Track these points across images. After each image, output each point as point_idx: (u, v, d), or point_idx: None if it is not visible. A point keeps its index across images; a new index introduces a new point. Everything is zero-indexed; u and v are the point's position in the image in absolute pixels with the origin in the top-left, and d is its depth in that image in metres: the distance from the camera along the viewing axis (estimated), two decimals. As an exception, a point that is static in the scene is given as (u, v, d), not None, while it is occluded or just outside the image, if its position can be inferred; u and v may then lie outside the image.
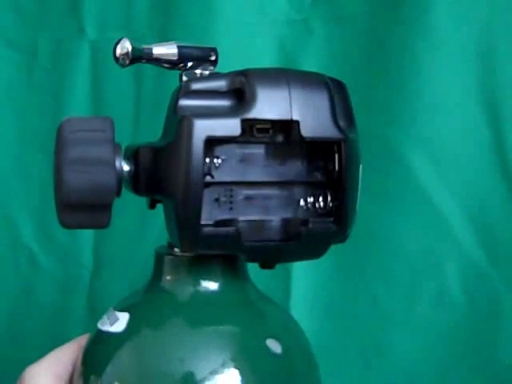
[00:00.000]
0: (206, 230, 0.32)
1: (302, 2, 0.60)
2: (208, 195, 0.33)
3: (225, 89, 0.33)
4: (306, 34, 0.60)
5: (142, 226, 0.64)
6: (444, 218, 0.57)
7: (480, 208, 0.56)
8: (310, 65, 0.59)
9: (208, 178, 0.33)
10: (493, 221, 0.56)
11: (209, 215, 0.33)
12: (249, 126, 0.33)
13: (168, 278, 0.36)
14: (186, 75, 0.36)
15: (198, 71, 0.36)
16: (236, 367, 0.33)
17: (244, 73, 0.33)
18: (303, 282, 0.60)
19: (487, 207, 0.56)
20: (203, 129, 0.31)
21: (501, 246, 0.56)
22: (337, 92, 0.34)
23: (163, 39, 0.38)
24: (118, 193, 0.33)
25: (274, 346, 0.34)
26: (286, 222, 0.34)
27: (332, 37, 0.59)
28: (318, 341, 0.45)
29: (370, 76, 0.58)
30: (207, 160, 0.32)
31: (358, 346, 0.59)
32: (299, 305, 0.60)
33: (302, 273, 0.60)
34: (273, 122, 0.33)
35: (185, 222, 0.32)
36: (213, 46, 0.37)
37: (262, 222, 0.34)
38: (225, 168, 0.33)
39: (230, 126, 0.32)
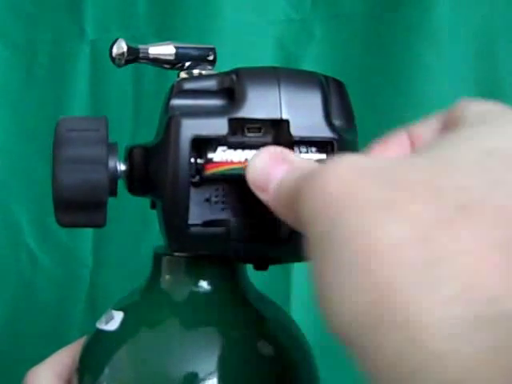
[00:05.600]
0: (194, 229, 0.32)
1: (301, 2, 0.60)
2: (199, 195, 0.33)
3: (216, 88, 0.33)
4: (306, 33, 0.60)
5: (142, 225, 0.64)
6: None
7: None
8: (309, 64, 0.59)
9: (198, 178, 0.33)
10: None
11: (199, 215, 0.33)
12: (240, 125, 0.33)
13: (166, 278, 0.36)
14: (182, 75, 0.36)
15: (195, 71, 0.36)
16: (227, 369, 0.33)
17: (235, 72, 0.33)
18: (303, 282, 0.60)
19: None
20: (190, 128, 0.31)
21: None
22: (334, 91, 0.34)
23: (163, 39, 0.38)
24: (112, 192, 0.33)
25: (266, 348, 0.34)
26: (278, 223, 0.34)
27: (332, 37, 0.59)
28: (317, 341, 0.44)
29: (369, 76, 0.58)
30: (198, 160, 0.32)
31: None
32: (299, 305, 0.60)
33: (302, 273, 0.60)
34: (263, 122, 0.32)
35: (172, 221, 0.32)
36: (212, 45, 0.37)
37: (254, 222, 0.33)
38: None
39: (218, 126, 0.31)
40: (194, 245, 0.33)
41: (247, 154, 0.32)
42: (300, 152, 0.33)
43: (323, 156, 0.33)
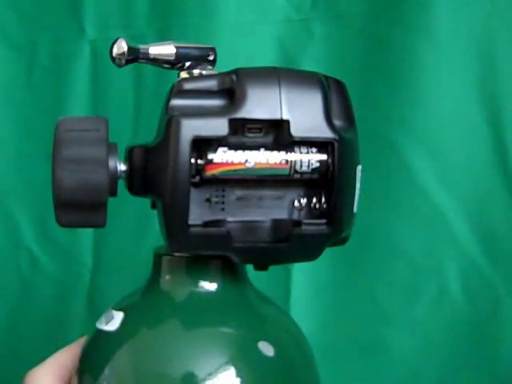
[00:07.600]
0: (194, 230, 0.32)
1: (301, 2, 0.60)
2: (199, 195, 0.33)
3: (216, 88, 0.33)
4: (306, 34, 0.60)
5: (142, 225, 0.64)
6: (444, 218, 0.57)
7: (480, 208, 0.56)
8: (309, 65, 0.59)
9: (199, 178, 0.32)
10: (493, 221, 0.56)
11: (199, 215, 0.33)
12: (241, 125, 0.33)
13: (166, 278, 0.36)
14: (183, 75, 0.36)
15: (196, 71, 0.36)
16: (227, 370, 0.33)
17: (235, 72, 0.33)
18: (303, 282, 0.60)
19: (487, 207, 0.56)
20: (190, 128, 0.31)
21: (501, 246, 0.56)
22: (335, 91, 0.34)
23: (163, 39, 0.38)
24: (112, 192, 0.33)
25: (266, 348, 0.34)
26: (277, 224, 0.34)
27: (332, 37, 0.59)
28: (317, 341, 0.44)
29: (369, 76, 0.58)
30: (198, 161, 0.32)
31: (357, 346, 0.59)
32: (299, 305, 0.60)
33: (302, 273, 0.60)
34: (263, 122, 0.32)
35: (172, 221, 0.32)
36: (212, 45, 0.37)
37: (253, 223, 0.33)
38: None
39: (218, 126, 0.32)
40: (194, 245, 0.33)
41: (247, 154, 0.32)
42: (300, 152, 0.33)
43: (323, 156, 0.33)
